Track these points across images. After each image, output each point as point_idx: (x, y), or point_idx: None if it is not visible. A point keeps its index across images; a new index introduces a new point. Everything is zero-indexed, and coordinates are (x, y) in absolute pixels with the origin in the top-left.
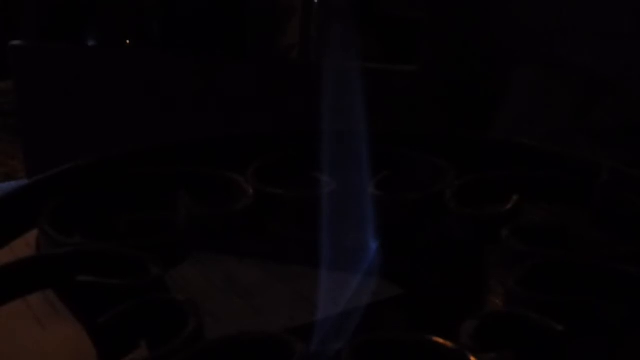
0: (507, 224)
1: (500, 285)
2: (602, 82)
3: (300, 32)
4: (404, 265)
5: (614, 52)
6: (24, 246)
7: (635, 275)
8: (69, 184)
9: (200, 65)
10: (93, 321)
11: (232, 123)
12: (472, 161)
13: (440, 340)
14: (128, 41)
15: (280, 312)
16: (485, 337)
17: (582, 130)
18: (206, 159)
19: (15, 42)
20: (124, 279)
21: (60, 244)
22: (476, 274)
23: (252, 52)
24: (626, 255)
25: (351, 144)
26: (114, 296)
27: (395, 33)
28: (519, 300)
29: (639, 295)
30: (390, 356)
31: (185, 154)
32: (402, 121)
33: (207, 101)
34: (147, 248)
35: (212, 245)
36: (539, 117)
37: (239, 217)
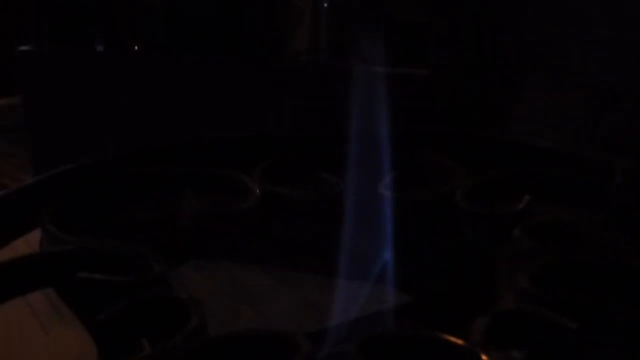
0: (519, 223)
1: (512, 284)
2: (612, 92)
3: (310, 37)
4: (414, 271)
5: (623, 63)
6: (24, 246)
7: None
8: (72, 183)
9: (208, 68)
10: (93, 318)
11: (239, 125)
12: (485, 161)
13: (451, 338)
14: (136, 47)
15: (288, 319)
16: (498, 334)
17: (591, 140)
18: (214, 160)
19: (23, 48)
20: (126, 276)
21: (62, 241)
22: (488, 273)
23: (260, 56)
24: (638, 254)
25: (362, 145)
26: (115, 293)
27: (406, 37)
28: (531, 298)
29: None
30: (400, 353)
31: (192, 154)
32: (412, 124)
33: (215, 104)
34: (150, 245)
35: (218, 246)
36: (549, 126)
37: (245, 216)
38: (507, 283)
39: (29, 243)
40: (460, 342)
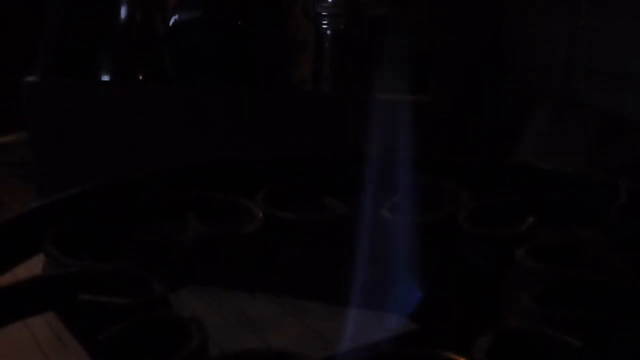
0: (522, 244)
1: (515, 305)
2: (618, 121)
3: (313, 67)
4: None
5: (629, 91)
6: (26, 273)
7: None
8: (74, 208)
9: (212, 97)
10: (93, 340)
11: (244, 152)
12: (487, 184)
13: (454, 356)
14: (140, 77)
15: (293, 347)
16: (500, 353)
17: (597, 170)
18: (216, 184)
19: (29, 79)
20: (127, 298)
21: (64, 265)
22: (491, 295)
23: (264, 84)
24: None
25: (364, 170)
26: (115, 315)
27: (407, 64)
28: (534, 317)
29: None
30: None
31: (195, 179)
32: (414, 149)
33: (220, 132)
34: (152, 268)
35: (221, 270)
36: (554, 155)
37: (248, 240)
38: (511, 304)
39: (30, 269)
40: (462, 359)
